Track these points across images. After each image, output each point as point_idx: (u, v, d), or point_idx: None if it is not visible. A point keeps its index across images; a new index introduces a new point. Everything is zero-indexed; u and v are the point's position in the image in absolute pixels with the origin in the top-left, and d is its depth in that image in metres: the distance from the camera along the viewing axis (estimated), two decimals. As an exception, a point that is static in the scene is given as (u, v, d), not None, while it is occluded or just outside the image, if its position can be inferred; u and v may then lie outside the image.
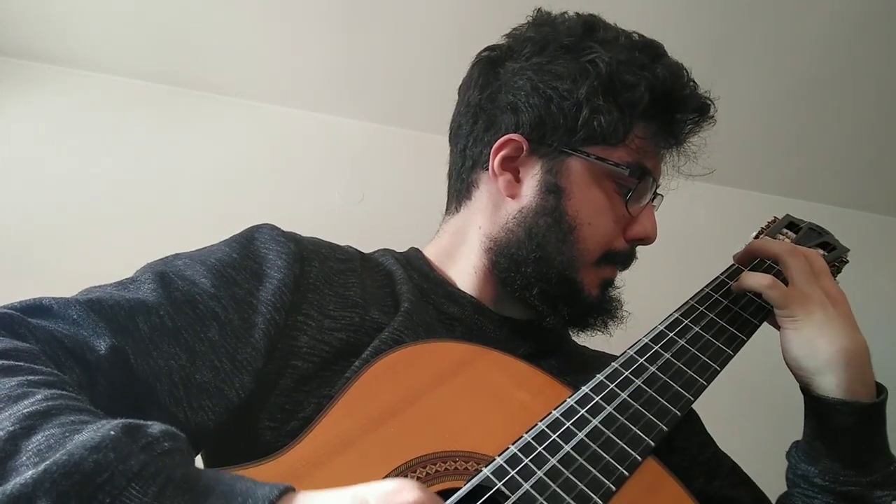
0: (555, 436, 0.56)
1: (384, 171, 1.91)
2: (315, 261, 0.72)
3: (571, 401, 0.60)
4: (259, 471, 0.50)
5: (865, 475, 0.64)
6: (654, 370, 0.64)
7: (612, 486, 0.53)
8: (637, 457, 0.56)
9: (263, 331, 0.64)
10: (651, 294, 0.92)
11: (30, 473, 0.37)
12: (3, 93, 1.82)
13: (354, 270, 0.76)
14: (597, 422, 0.58)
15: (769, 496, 0.74)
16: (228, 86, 1.92)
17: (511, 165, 0.77)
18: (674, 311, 0.71)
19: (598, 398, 0.60)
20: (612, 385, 0.62)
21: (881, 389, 0.67)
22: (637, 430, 0.58)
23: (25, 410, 0.41)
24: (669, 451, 0.71)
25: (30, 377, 0.46)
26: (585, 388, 0.61)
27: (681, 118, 0.77)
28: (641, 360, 0.64)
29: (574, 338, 0.85)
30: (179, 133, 1.87)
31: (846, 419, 0.64)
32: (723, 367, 0.66)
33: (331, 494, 0.41)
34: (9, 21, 1.78)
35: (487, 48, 0.83)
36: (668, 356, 0.65)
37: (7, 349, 0.48)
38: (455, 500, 0.48)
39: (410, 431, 0.56)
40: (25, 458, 0.39)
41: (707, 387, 0.64)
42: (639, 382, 0.62)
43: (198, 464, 0.47)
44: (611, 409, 0.59)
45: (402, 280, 0.76)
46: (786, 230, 0.86)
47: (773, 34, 1.68)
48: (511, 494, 0.50)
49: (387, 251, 0.84)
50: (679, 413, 0.60)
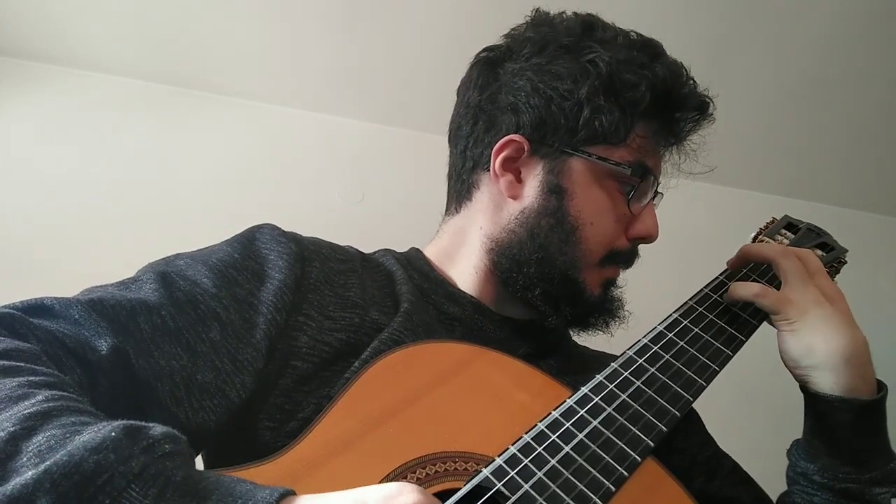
0: (554, 436, 0.56)
1: (384, 171, 1.91)
2: (316, 261, 0.72)
3: (571, 401, 0.60)
4: (258, 472, 0.50)
5: (864, 472, 0.64)
6: (654, 371, 0.64)
7: (612, 487, 0.53)
8: (636, 457, 0.56)
9: (264, 331, 0.64)
10: (651, 294, 0.92)
11: (30, 474, 0.37)
12: (3, 93, 1.82)
13: (355, 271, 0.76)
14: (596, 422, 0.58)
15: (769, 496, 0.74)
16: (228, 86, 1.92)
17: (512, 166, 0.77)
18: (673, 312, 0.71)
19: (598, 399, 0.60)
20: (612, 386, 0.62)
21: (881, 386, 0.66)
22: (636, 431, 0.58)
23: (26, 411, 0.42)
24: (669, 452, 0.71)
25: (31, 378, 0.46)
26: (585, 389, 0.61)
27: (681, 116, 0.77)
28: (641, 361, 0.64)
29: (575, 338, 0.85)
30: (179, 133, 1.87)
31: (844, 416, 0.64)
32: (722, 368, 0.66)
33: (331, 497, 0.41)
34: (9, 21, 1.78)
35: (486, 49, 0.83)
36: (668, 357, 0.65)
37: (8, 349, 0.48)
38: (455, 501, 0.48)
39: (410, 432, 0.56)
40: (26, 459, 0.39)
41: (706, 387, 0.64)
42: (638, 383, 0.62)
43: (198, 464, 0.47)
44: (610, 410, 0.59)
45: (403, 280, 0.76)
46: (784, 231, 0.87)
47: (773, 34, 1.67)
48: (511, 495, 0.50)
49: (387, 251, 0.84)
50: (678, 414, 0.60)
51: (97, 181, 1.74)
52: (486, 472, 0.52)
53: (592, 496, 0.52)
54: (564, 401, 0.60)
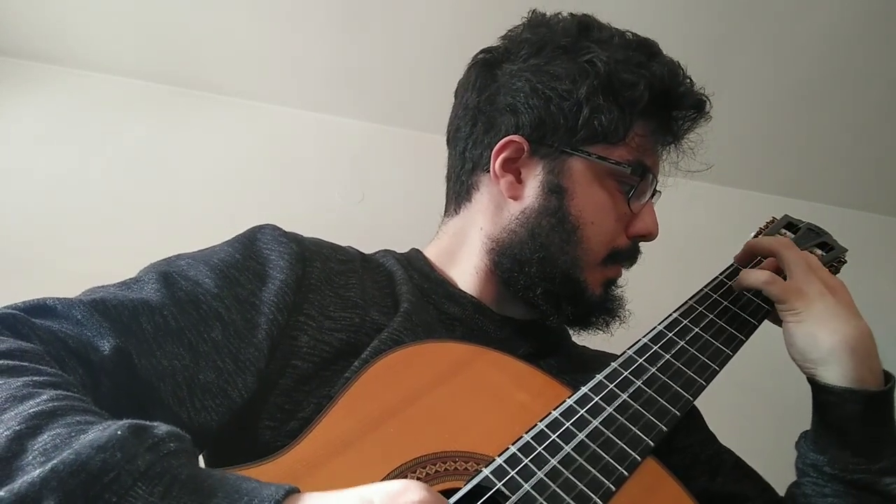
0: (554, 436, 0.56)
1: (384, 171, 1.91)
2: (317, 261, 0.72)
3: (571, 401, 0.60)
4: (259, 471, 0.50)
5: (875, 462, 0.63)
6: (654, 370, 0.64)
7: (612, 486, 0.53)
8: (636, 457, 0.56)
9: (266, 331, 0.64)
10: (651, 294, 0.92)
11: (37, 472, 0.37)
12: (3, 93, 1.82)
13: (355, 271, 0.76)
14: (596, 422, 0.58)
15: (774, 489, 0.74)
16: (228, 86, 1.92)
17: (512, 167, 0.77)
18: (673, 312, 0.71)
19: (598, 398, 0.60)
20: (612, 385, 0.62)
21: (889, 377, 0.66)
22: (636, 431, 0.58)
23: (31, 410, 0.42)
24: (670, 451, 0.71)
25: (35, 377, 0.46)
26: (585, 389, 0.61)
27: (678, 115, 0.77)
28: (641, 361, 0.65)
29: (574, 337, 0.85)
30: (179, 133, 1.86)
31: (854, 407, 0.63)
32: (722, 367, 0.66)
33: (335, 495, 0.41)
34: (9, 21, 1.78)
35: (483, 50, 0.83)
36: (668, 356, 0.65)
37: (11, 349, 0.48)
38: (455, 500, 0.48)
39: (410, 432, 0.56)
40: (31, 458, 0.39)
41: (706, 387, 0.64)
42: (638, 383, 0.62)
43: (199, 464, 0.47)
44: (610, 410, 0.59)
45: (403, 280, 0.76)
46: (784, 230, 0.87)
47: (773, 34, 1.67)
48: (511, 494, 0.51)
49: (388, 252, 0.84)
50: (678, 413, 0.61)
51: (97, 181, 1.74)
52: (487, 472, 0.52)
53: (593, 496, 0.52)
54: (564, 400, 0.60)
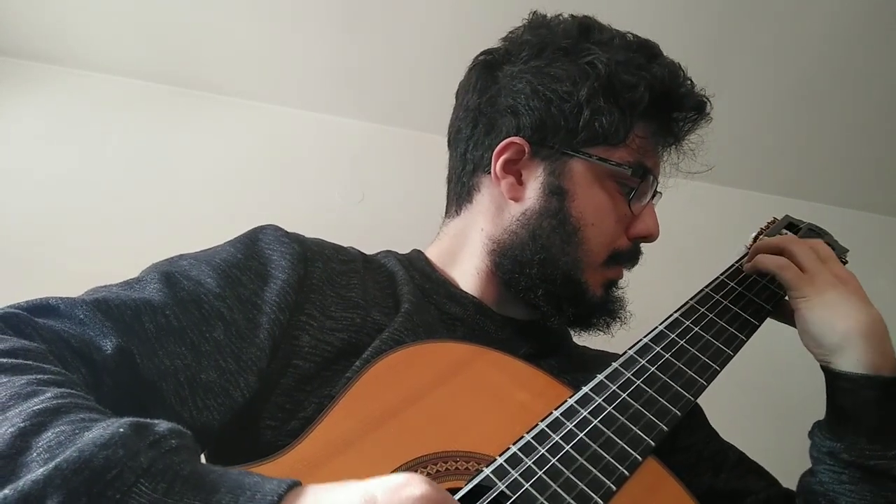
0: (555, 436, 0.56)
1: (384, 171, 1.91)
2: (318, 261, 0.72)
3: (572, 401, 0.60)
4: (260, 471, 0.49)
5: (891, 448, 0.63)
6: (655, 370, 0.64)
7: (613, 486, 0.53)
8: (637, 457, 0.56)
9: (268, 331, 0.64)
10: (651, 294, 0.92)
11: (41, 470, 0.37)
12: (3, 93, 1.82)
13: (357, 272, 0.76)
14: (597, 422, 0.58)
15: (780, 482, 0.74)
16: (228, 86, 1.92)
17: (513, 168, 0.77)
18: (674, 311, 0.71)
19: (599, 398, 0.60)
20: (613, 385, 0.62)
21: None
22: (637, 430, 0.58)
23: (35, 408, 0.42)
24: (673, 450, 0.71)
25: (38, 376, 0.46)
26: (586, 389, 0.61)
27: (679, 117, 0.78)
28: (642, 361, 0.65)
29: (575, 338, 0.85)
30: (180, 133, 1.86)
31: (870, 393, 0.63)
32: (723, 367, 0.66)
33: (338, 489, 0.41)
34: (9, 21, 1.78)
35: (484, 52, 0.83)
36: (669, 356, 0.65)
37: (15, 348, 0.48)
38: (456, 500, 0.48)
39: (411, 431, 0.56)
40: (36, 455, 0.39)
41: (707, 386, 0.64)
42: (639, 382, 0.62)
43: (202, 461, 0.47)
44: (611, 409, 0.59)
45: (404, 281, 0.76)
46: (785, 231, 0.87)
47: (773, 34, 1.67)
48: (512, 494, 0.51)
49: (389, 253, 0.84)
50: (679, 413, 0.61)
51: (97, 181, 1.74)
52: (487, 472, 0.52)
53: (593, 495, 0.52)
54: (565, 400, 0.60)
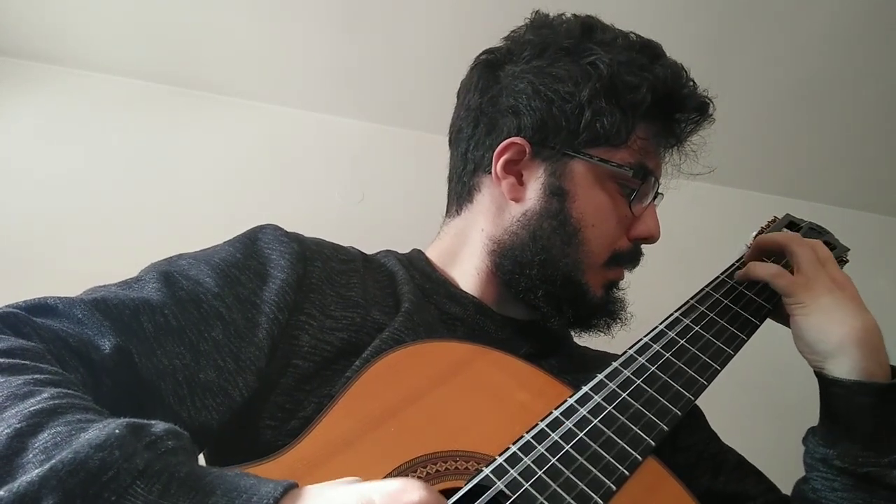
0: (555, 435, 0.56)
1: (384, 171, 1.91)
2: (318, 261, 0.72)
3: (572, 400, 0.60)
4: (259, 470, 0.50)
5: (884, 456, 0.63)
6: (655, 369, 0.64)
7: (613, 486, 0.53)
8: (637, 456, 0.56)
9: (267, 330, 0.64)
10: (651, 294, 0.92)
11: (36, 472, 0.37)
12: (3, 93, 1.82)
13: (356, 271, 0.76)
14: (597, 421, 0.58)
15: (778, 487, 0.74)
16: (228, 86, 1.92)
17: (514, 169, 0.77)
18: (674, 311, 0.71)
19: (599, 398, 0.60)
20: (613, 385, 0.62)
21: (895, 371, 0.66)
22: (637, 430, 0.58)
23: (32, 408, 0.42)
24: (674, 450, 0.71)
25: (36, 376, 0.46)
26: (586, 388, 0.61)
27: (681, 118, 0.77)
28: (642, 360, 0.64)
29: (576, 338, 0.85)
30: (179, 133, 1.86)
31: (864, 400, 0.63)
32: (724, 367, 0.66)
33: (335, 491, 0.41)
34: (9, 21, 1.78)
35: (486, 51, 0.83)
36: (669, 355, 0.65)
37: (12, 348, 0.48)
38: (455, 500, 0.48)
39: (411, 431, 0.56)
40: (32, 456, 0.39)
41: (708, 386, 0.64)
42: (639, 382, 0.62)
43: (200, 462, 0.47)
44: (611, 409, 0.59)
45: (404, 280, 0.76)
46: (786, 230, 0.87)
47: (773, 34, 1.67)
48: (511, 494, 0.51)
49: (389, 252, 0.84)
50: (680, 413, 0.61)
51: (97, 181, 1.74)
52: (487, 471, 0.52)
53: (593, 495, 0.52)
54: (565, 400, 0.60)
